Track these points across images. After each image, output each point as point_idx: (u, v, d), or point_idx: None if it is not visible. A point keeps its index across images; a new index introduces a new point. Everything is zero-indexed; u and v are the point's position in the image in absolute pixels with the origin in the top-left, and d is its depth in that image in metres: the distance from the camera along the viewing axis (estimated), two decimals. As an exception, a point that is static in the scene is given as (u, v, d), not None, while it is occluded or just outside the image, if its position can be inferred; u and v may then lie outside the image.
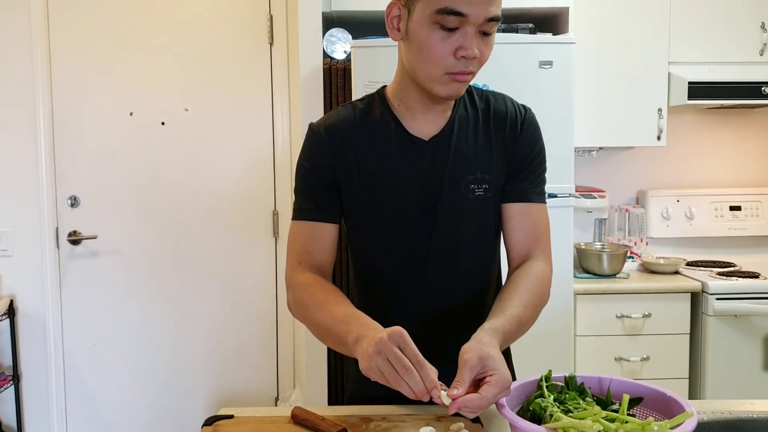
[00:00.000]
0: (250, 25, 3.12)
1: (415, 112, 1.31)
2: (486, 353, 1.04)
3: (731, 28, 3.00)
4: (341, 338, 1.15)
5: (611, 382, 1.10)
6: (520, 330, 1.21)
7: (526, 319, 1.22)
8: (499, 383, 1.01)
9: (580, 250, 3.01)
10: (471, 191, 1.31)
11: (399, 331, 1.03)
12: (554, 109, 2.51)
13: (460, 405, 0.99)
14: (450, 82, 1.21)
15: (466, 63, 1.19)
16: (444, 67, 1.20)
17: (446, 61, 1.19)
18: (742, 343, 2.76)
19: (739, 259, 3.22)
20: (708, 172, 3.40)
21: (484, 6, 1.15)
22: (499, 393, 1.01)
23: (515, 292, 1.24)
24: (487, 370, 1.03)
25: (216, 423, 1.19)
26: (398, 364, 1.00)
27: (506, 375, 1.03)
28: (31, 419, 3.19)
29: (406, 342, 1.02)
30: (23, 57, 3.05)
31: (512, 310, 1.19)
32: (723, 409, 1.24)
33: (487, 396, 0.99)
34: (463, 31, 1.17)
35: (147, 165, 3.14)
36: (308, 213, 1.34)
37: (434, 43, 1.18)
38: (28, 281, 3.13)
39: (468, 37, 1.17)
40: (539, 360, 2.54)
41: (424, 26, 1.18)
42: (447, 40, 1.18)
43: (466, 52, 1.17)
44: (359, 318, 1.16)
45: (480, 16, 1.15)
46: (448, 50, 1.18)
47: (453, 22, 1.16)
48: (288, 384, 3.26)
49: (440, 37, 1.18)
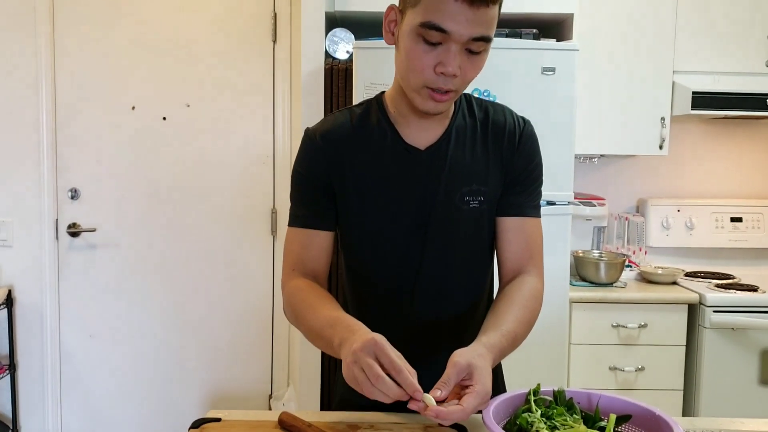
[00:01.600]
0: (254, 23, 3.11)
1: (410, 120, 1.30)
2: (476, 363, 1.05)
3: (737, 38, 2.98)
4: (329, 342, 1.16)
5: (600, 398, 1.10)
6: (513, 346, 1.21)
7: (520, 335, 1.22)
8: (480, 395, 1.02)
9: (578, 258, 3.00)
10: (466, 203, 1.30)
11: (373, 340, 1.03)
12: (555, 116, 2.50)
13: (442, 415, 0.99)
14: (428, 97, 1.20)
15: (446, 80, 1.17)
16: (423, 80, 1.18)
17: (426, 74, 1.17)
18: (738, 356, 2.75)
19: (738, 271, 3.20)
20: (710, 182, 3.39)
21: (470, 25, 1.12)
22: (479, 405, 1.02)
23: (511, 307, 1.23)
24: (473, 379, 1.03)
25: (203, 426, 1.18)
26: (370, 372, 1.00)
27: (488, 388, 1.04)
28: (26, 408, 3.20)
29: (382, 350, 1.02)
30: (27, 50, 3.05)
31: (508, 325, 1.19)
32: (714, 427, 1.23)
33: (467, 408, 1.00)
34: (446, 47, 1.15)
35: (148, 160, 3.15)
36: (303, 219, 1.34)
37: (416, 54, 1.17)
38: (26, 272, 3.14)
39: (450, 54, 1.14)
40: (533, 367, 2.53)
41: (410, 36, 1.17)
42: (429, 54, 1.16)
43: (445, 69, 1.15)
44: (343, 321, 1.16)
45: (464, 35, 1.13)
46: (428, 64, 1.16)
47: (435, 37, 1.14)
48: (282, 382, 3.26)
49: (423, 50, 1.16)
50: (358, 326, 1.12)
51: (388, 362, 1.01)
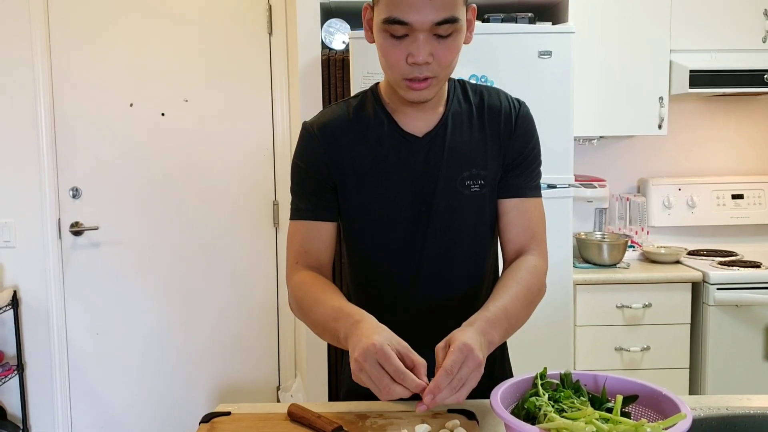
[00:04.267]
0: (249, 15, 3.10)
1: (405, 109, 1.31)
2: (452, 335, 1.06)
3: (733, 15, 2.96)
4: (334, 335, 1.16)
5: (606, 379, 1.10)
6: (511, 321, 1.20)
7: (516, 311, 1.21)
8: (457, 349, 1.02)
9: (580, 240, 3.00)
10: (467, 187, 1.30)
11: (373, 346, 1.02)
12: (553, 100, 2.50)
13: (432, 390, 1.00)
14: (408, 89, 1.22)
15: (420, 69, 1.18)
16: (400, 72, 1.20)
17: (400, 66, 1.19)
18: (742, 333, 2.76)
19: (741, 248, 3.21)
20: (710, 160, 3.38)
21: (429, 11, 1.13)
22: (462, 359, 1.02)
23: (504, 286, 1.24)
24: (450, 345, 1.04)
25: (213, 420, 1.19)
26: (379, 383, 1.01)
27: (465, 341, 1.03)
28: (35, 408, 3.22)
29: (384, 356, 1.01)
30: (23, 48, 3.04)
31: (498, 302, 1.19)
32: (720, 405, 1.24)
33: (447, 364, 1.00)
34: (412, 37, 1.16)
35: (147, 156, 3.15)
36: (305, 212, 1.34)
37: (387, 49, 1.19)
38: (31, 272, 3.15)
39: (417, 43, 1.15)
40: (539, 350, 2.55)
41: (379, 33, 1.19)
42: (398, 47, 1.18)
43: (415, 59, 1.16)
44: (345, 312, 1.16)
45: (426, 23, 1.14)
46: (400, 57, 1.18)
47: (400, 31, 1.16)
48: (290, 374, 3.28)
49: (391, 44, 1.18)
50: (360, 318, 1.12)
51: (393, 370, 1.00)
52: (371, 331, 1.06)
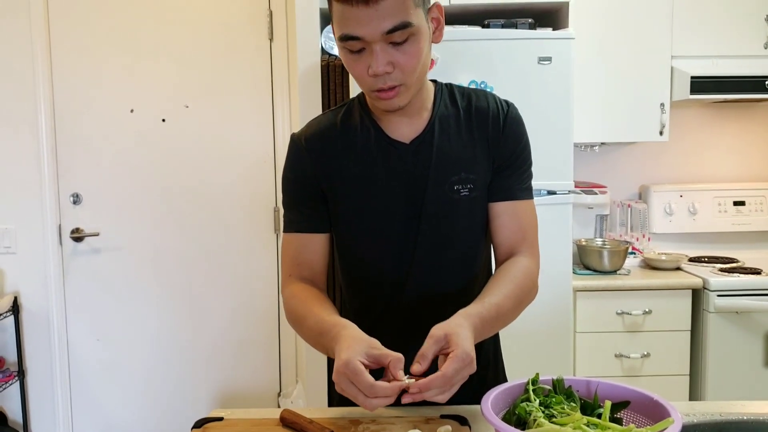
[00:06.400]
0: (250, 21, 3.11)
1: (389, 116, 1.30)
2: (452, 330, 1.06)
3: (735, 21, 2.96)
4: (324, 349, 1.19)
5: (599, 385, 1.10)
6: (501, 319, 1.21)
7: (507, 309, 1.22)
8: (459, 358, 1.02)
9: (581, 247, 2.99)
10: (456, 192, 1.30)
11: (344, 365, 1.02)
12: (553, 106, 2.49)
13: (423, 386, 1.00)
14: (377, 99, 1.22)
15: (382, 79, 1.18)
16: (367, 85, 1.21)
17: (365, 80, 1.20)
18: (743, 339, 2.75)
19: (742, 255, 3.19)
20: (711, 166, 3.38)
21: (376, 23, 1.12)
22: (462, 369, 1.02)
23: (497, 284, 1.25)
24: (450, 345, 1.04)
25: (205, 425, 1.19)
26: (357, 400, 1.02)
27: (467, 351, 1.04)
28: (36, 414, 3.22)
29: (355, 374, 1.01)
30: (24, 55, 3.06)
31: (492, 298, 1.20)
32: (714, 410, 1.23)
33: (448, 372, 1.01)
34: (368, 50, 1.16)
35: (148, 162, 3.15)
36: (297, 225, 1.35)
37: (349, 65, 1.20)
38: (31, 278, 3.16)
39: (374, 54, 1.15)
40: (539, 357, 2.54)
41: (341, 50, 1.20)
42: (358, 62, 1.18)
43: (374, 71, 1.16)
44: (328, 326, 1.17)
45: (375, 34, 1.13)
46: (362, 70, 1.18)
47: (355, 45, 1.16)
48: (290, 380, 3.27)
49: (352, 60, 1.19)
50: (338, 332, 1.12)
51: (365, 387, 1.01)
52: (342, 348, 1.06)
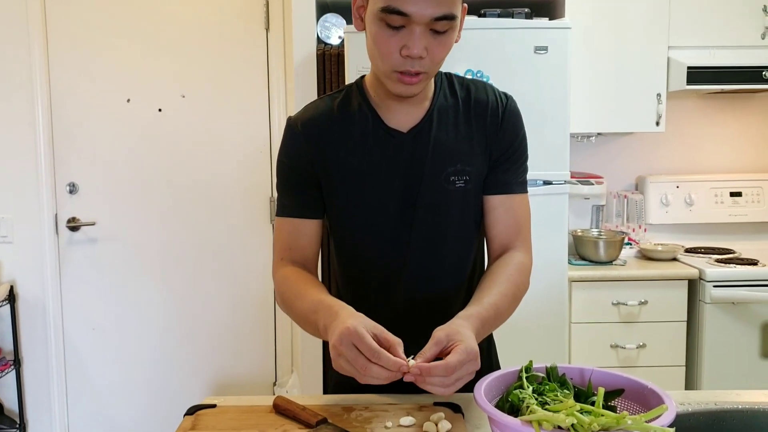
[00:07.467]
0: (246, 10, 3.10)
1: (390, 103, 1.29)
2: (455, 330, 1.06)
3: (732, 11, 2.95)
4: (315, 327, 1.17)
5: (592, 373, 1.10)
6: (498, 318, 1.21)
7: (504, 308, 1.22)
8: (463, 351, 1.02)
9: (577, 237, 2.99)
10: (452, 183, 1.29)
11: (347, 330, 1.02)
12: (549, 95, 2.49)
13: (424, 370, 1.00)
14: (397, 81, 1.20)
15: (412, 62, 1.16)
16: (391, 64, 1.18)
17: (393, 58, 1.17)
18: (739, 330, 2.75)
19: (739, 246, 3.20)
20: (708, 157, 3.37)
21: (429, 5, 1.11)
22: (465, 362, 1.02)
23: (494, 282, 1.24)
24: (453, 342, 1.04)
25: (198, 412, 1.19)
26: (356, 364, 1.01)
27: (472, 345, 1.04)
28: (32, 403, 3.22)
29: (359, 338, 1.02)
30: (20, 45, 3.04)
31: (490, 298, 1.19)
32: (709, 399, 1.23)
33: (450, 362, 1.00)
34: (409, 29, 1.14)
35: (145, 152, 3.14)
36: (290, 209, 1.34)
37: (382, 39, 1.17)
38: (27, 267, 3.15)
39: (414, 36, 1.14)
40: (534, 347, 2.54)
41: (374, 21, 1.17)
42: (393, 38, 1.15)
43: (410, 51, 1.15)
44: (325, 304, 1.16)
45: (425, 16, 1.12)
46: (394, 47, 1.16)
47: (397, 21, 1.14)
48: (286, 369, 3.27)
49: (387, 35, 1.16)
50: (338, 309, 1.13)
51: (367, 349, 1.01)
52: (346, 317, 1.07)
